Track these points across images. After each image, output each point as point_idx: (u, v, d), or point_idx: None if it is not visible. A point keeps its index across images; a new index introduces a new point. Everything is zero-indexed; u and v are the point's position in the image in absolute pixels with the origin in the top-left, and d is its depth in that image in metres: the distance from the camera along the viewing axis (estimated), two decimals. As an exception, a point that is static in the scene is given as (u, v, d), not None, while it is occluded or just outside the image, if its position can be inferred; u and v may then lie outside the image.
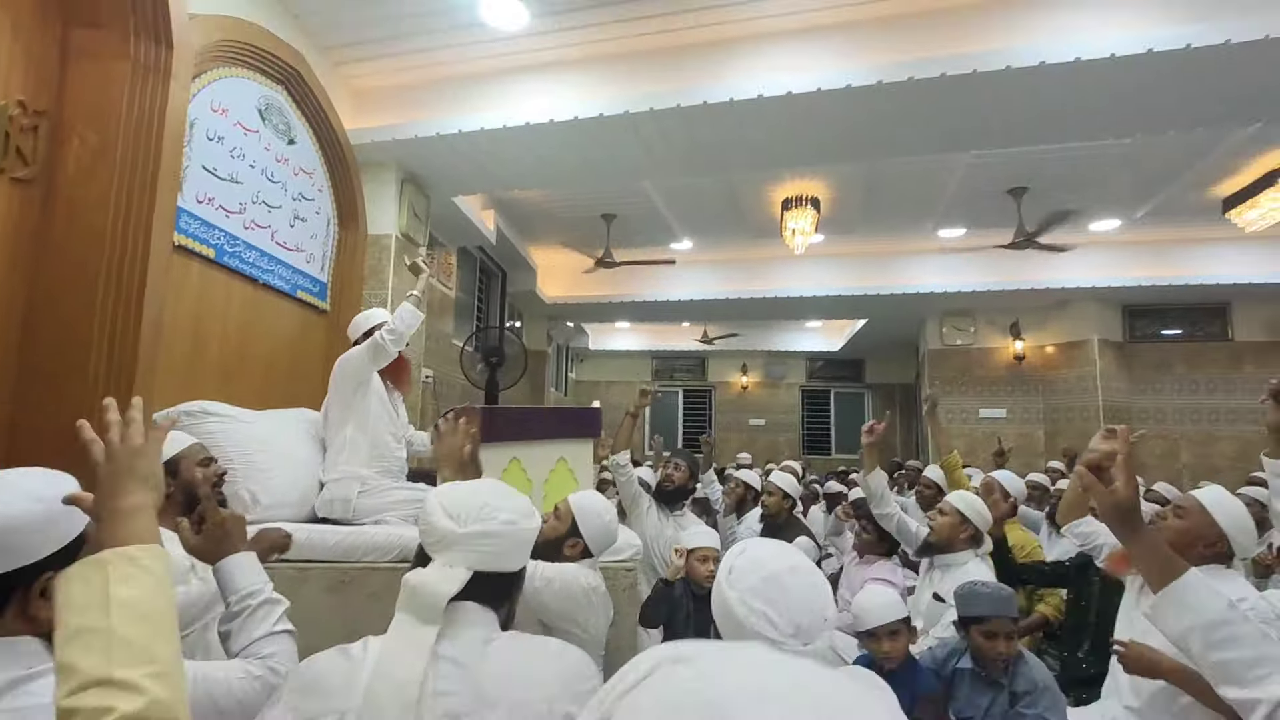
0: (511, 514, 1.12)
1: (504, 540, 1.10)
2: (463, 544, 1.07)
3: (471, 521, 1.08)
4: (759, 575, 1.10)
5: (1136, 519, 1.26)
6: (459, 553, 1.07)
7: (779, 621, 1.06)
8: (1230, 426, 7.72)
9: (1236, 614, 1.14)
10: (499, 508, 1.11)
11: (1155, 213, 6.06)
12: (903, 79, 3.25)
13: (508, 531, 1.10)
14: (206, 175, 2.87)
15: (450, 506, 1.11)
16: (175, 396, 2.49)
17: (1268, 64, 3.08)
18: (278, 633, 1.27)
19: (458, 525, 1.08)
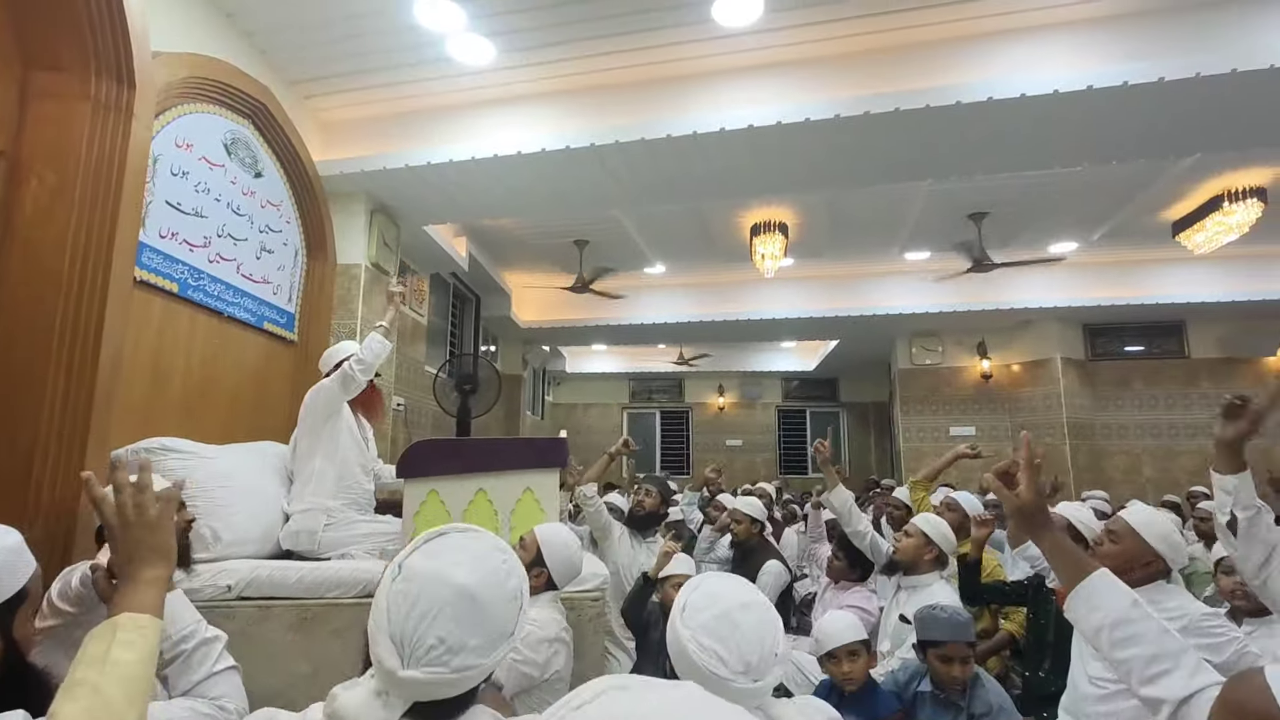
0: (473, 655, 0.87)
1: (456, 684, 0.88)
2: (403, 685, 0.86)
3: (417, 664, 0.85)
4: (710, 613, 1.10)
5: (1041, 520, 1.30)
6: (397, 689, 0.88)
7: (729, 659, 1.07)
8: (1190, 441, 7.94)
9: (1139, 611, 1.17)
10: (458, 647, 0.86)
11: (1111, 235, 6.28)
12: (859, 113, 3.37)
13: (461, 679, 0.87)
14: (170, 210, 2.87)
15: (399, 630, 0.86)
16: (134, 434, 2.47)
17: (1200, 100, 3.25)
18: (220, 671, 1.26)
19: (400, 664, 0.85)
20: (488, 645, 0.88)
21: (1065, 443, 7.81)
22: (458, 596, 0.87)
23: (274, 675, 2.20)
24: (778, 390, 12.93)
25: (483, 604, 0.89)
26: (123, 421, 2.45)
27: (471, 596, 0.88)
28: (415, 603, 0.87)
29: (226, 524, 2.42)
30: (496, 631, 0.90)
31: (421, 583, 0.88)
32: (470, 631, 0.87)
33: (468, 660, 0.86)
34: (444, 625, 0.86)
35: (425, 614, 0.86)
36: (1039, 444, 7.47)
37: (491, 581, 0.91)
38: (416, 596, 0.87)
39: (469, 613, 0.87)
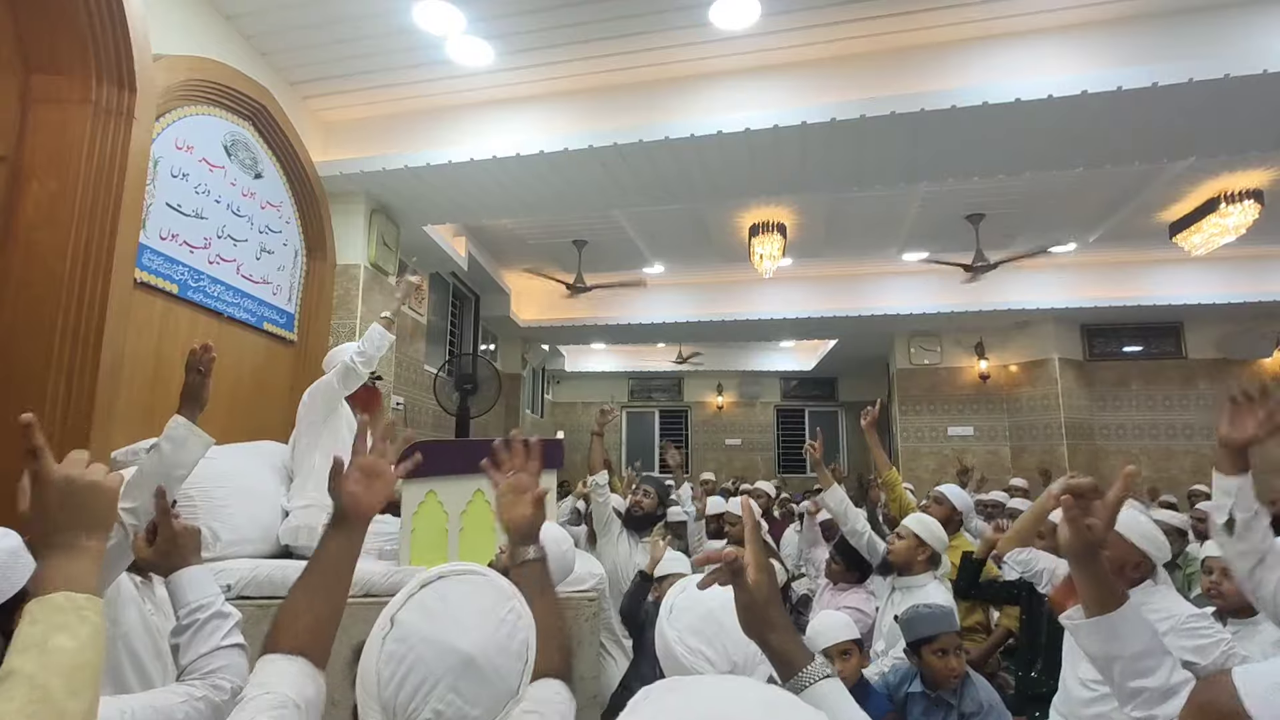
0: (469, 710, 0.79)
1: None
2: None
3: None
4: (696, 614, 1.10)
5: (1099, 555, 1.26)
6: None
7: (715, 659, 1.07)
8: (1187, 441, 7.97)
9: (1158, 644, 1.20)
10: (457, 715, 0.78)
11: (1108, 236, 6.30)
12: (855, 117, 3.38)
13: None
14: (170, 212, 2.89)
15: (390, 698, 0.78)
16: (135, 434, 2.48)
17: (1194, 105, 3.27)
18: (226, 646, 1.24)
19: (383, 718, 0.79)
20: (490, 713, 0.80)
21: (1063, 443, 7.84)
22: (459, 665, 0.79)
23: (273, 673, 2.23)
24: (776, 389, 12.96)
25: (486, 672, 0.80)
26: (124, 422, 2.47)
27: (473, 663, 0.79)
28: (410, 670, 0.78)
29: (225, 524, 2.45)
30: (501, 695, 0.82)
31: (418, 648, 0.79)
32: (472, 701, 0.79)
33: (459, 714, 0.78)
34: (442, 696, 0.77)
35: (420, 684, 0.77)
36: (1038, 445, 7.48)
37: (496, 643, 0.83)
38: (412, 664, 0.78)
39: (470, 682, 0.79)
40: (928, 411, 8.83)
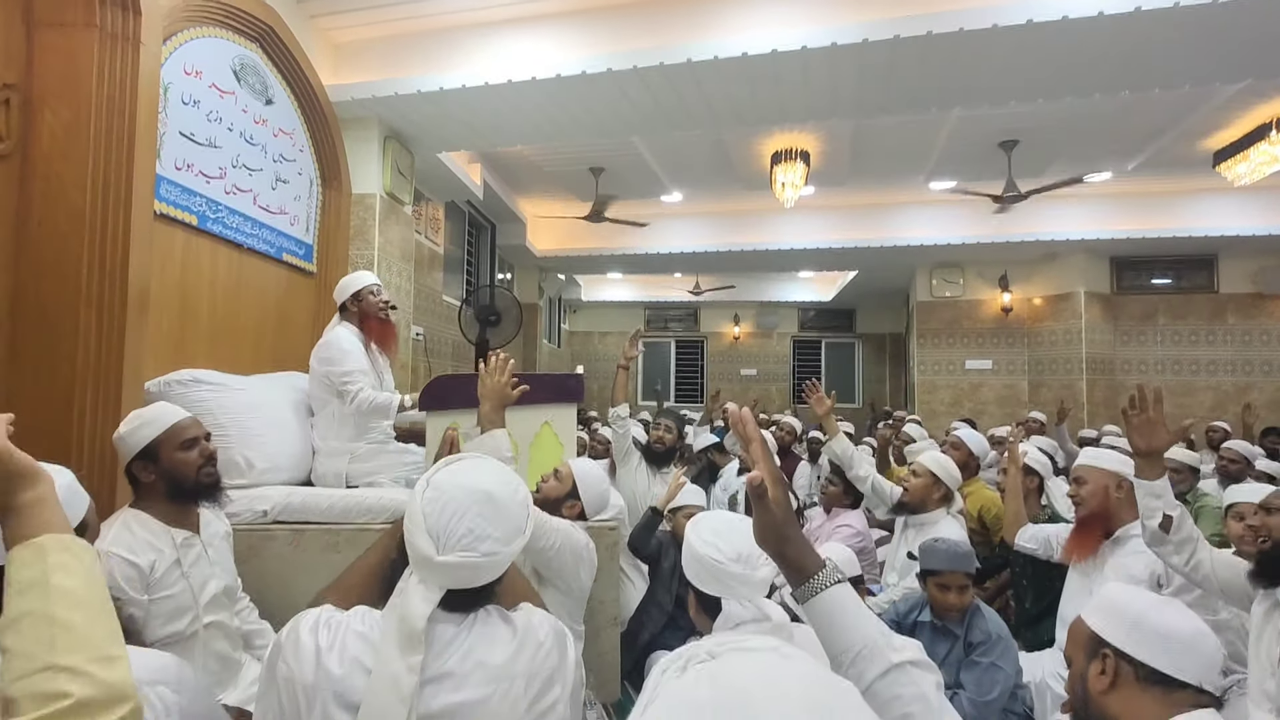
0: (496, 543, 1.06)
1: (482, 569, 1.06)
2: (438, 570, 1.04)
3: (451, 550, 1.04)
4: (712, 521, 1.48)
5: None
6: (434, 575, 1.05)
7: (724, 549, 1.38)
8: (1210, 377, 7.88)
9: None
10: (483, 536, 1.05)
11: (1147, 165, 6.03)
12: (889, 37, 3.20)
13: (487, 563, 1.06)
14: (184, 141, 2.84)
15: (433, 524, 1.05)
16: (166, 366, 2.55)
17: (1255, 21, 3.05)
18: None
19: (436, 551, 1.03)
20: (506, 537, 1.08)
21: (1082, 378, 7.78)
22: (481, 497, 1.07)
23: (310, 593, 2.36)
24: (794, 320, 12.88)
25: (500, 503, 1.09)
26: (155, 354, 2.52)
27: (491, 497, 1.08)
28: (446, 504, 1.06)
29: (259, 452, 2.53)
30: (512, 527, 1.10)
31: (450, 489, 1.08)
32: (492, 525, 1.06)
33: (492, 547, 1.06)
34: (471, 519, 1.05)
35: (455, 512, 1.05)
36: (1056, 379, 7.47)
37: (506, 488, 1.12)
38: (447, 499, 1.06)
39: (490, 510, 1.07)
40: (946, 345, 8.76)
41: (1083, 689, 1.15)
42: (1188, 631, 1.10)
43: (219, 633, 1.84)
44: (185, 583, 1.75)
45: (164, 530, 1.77)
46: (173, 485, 1.81)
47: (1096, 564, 2.25)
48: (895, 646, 0.81)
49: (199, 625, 1.77)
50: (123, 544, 1.67)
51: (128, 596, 1.62)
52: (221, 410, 2.48)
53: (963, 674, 2.15)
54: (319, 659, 1.00)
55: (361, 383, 2.60)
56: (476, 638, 1.08)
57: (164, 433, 1.81)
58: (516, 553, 1.12)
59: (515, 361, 2.08)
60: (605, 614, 2.50)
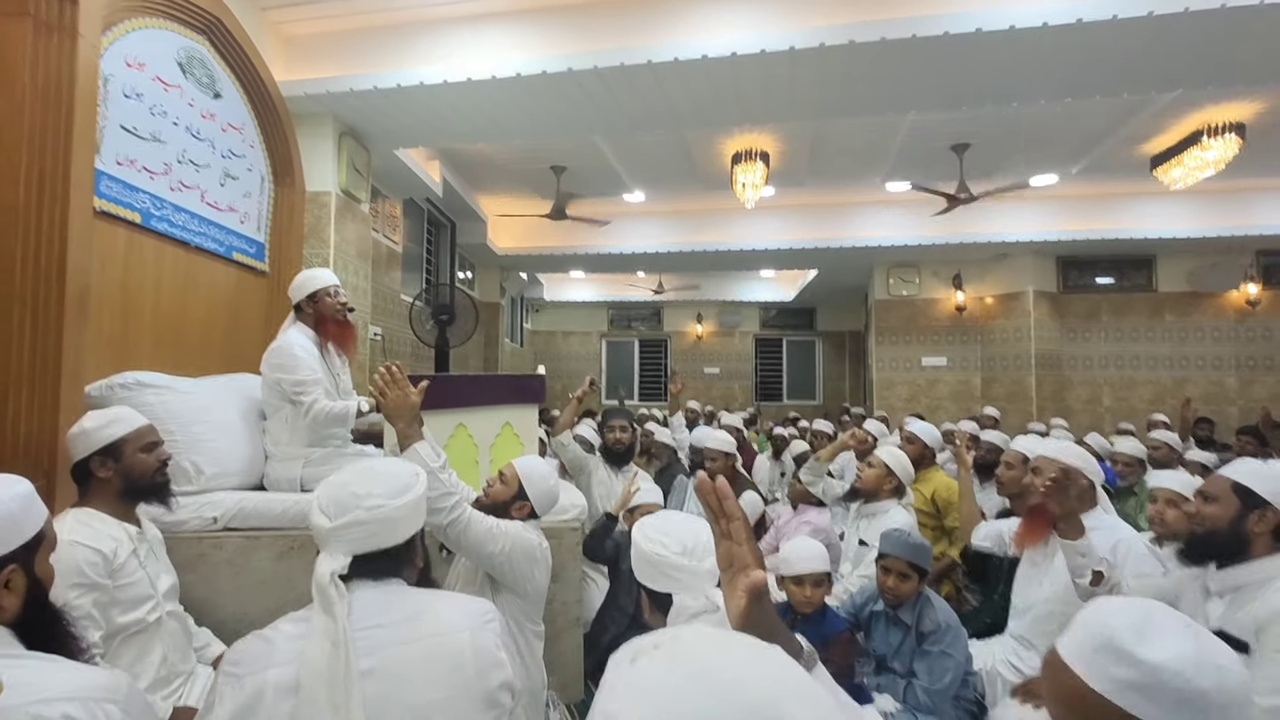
0: (379, 498, 1.19)
1: (372, 524, 1.18)
2: (336, 536, 1.17)
3: (339, 515, 1.17)
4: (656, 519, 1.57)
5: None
6: (335, 543, 1.17)
7: (669, 543, 1.46)
8: (1150, 372, 8.23)
9: None
10: (365, 494, 1.19)
11: (1090, 168, 6.27)
12: (844, 42, 3.26)
13: (374, 516, 1.18)
14: (126, 135, 2.74)
15: (324, 503, 1.20)
16: (107, 369, 2.45)
17: (1186, 35, 3.21)
18: None
19: (328, 520, 1.17)
20: (390, 492, 1.21)
21: (1031, 374, 8.06)
22: (360, 470, 1.26)
23: (266, 600, 2.30)
24: (756, 319, 13.03)
25: (379, 471, 1.26)
26: (95, 357, 2.43)
27: (370, 468, 1.26)
28: (331, 484, 1.23)
29: (208, 457, 2.45)
30: (396, 486, 1.23)
31: (335, 477, 1.25)
32: (373, 484, 1.21)
33: (376, 501, 1.19)
34: (351, 485, 1.21)
35: (339, 485, 1.22)
36: (1008, 375, 7.72)
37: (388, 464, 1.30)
38: (332, 482, 1.24)
39: (369, 475, 1.23)
40: (903, 342, 8.97)
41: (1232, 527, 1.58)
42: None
43: (178, 623, 1.89)
44: (143, 572, 1.78)
45: (117, 524, 1.80)
46: (128, 483, 1.84)
47: (1046, 554, 2.32)
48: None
49: (161, 613, 1.80)
50: (83, 534, 1.69)
51: (92, 582, 1.63)
52: (168, 414, 2.40)
53: (916, 663, 2.21)
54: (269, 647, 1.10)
55: (315, 392, 2.50)
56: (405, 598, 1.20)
57: (130, 432, 1.85)
58: (408, 510, 1.23)
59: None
60: (568, 615, 2.50)
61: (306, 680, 1.04)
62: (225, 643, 2.07)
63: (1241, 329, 8.06)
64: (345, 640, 1.07)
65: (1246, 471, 1.69)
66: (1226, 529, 1.66)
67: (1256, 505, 1.63)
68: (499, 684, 1.18)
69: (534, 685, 1.98)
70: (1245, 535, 1.64)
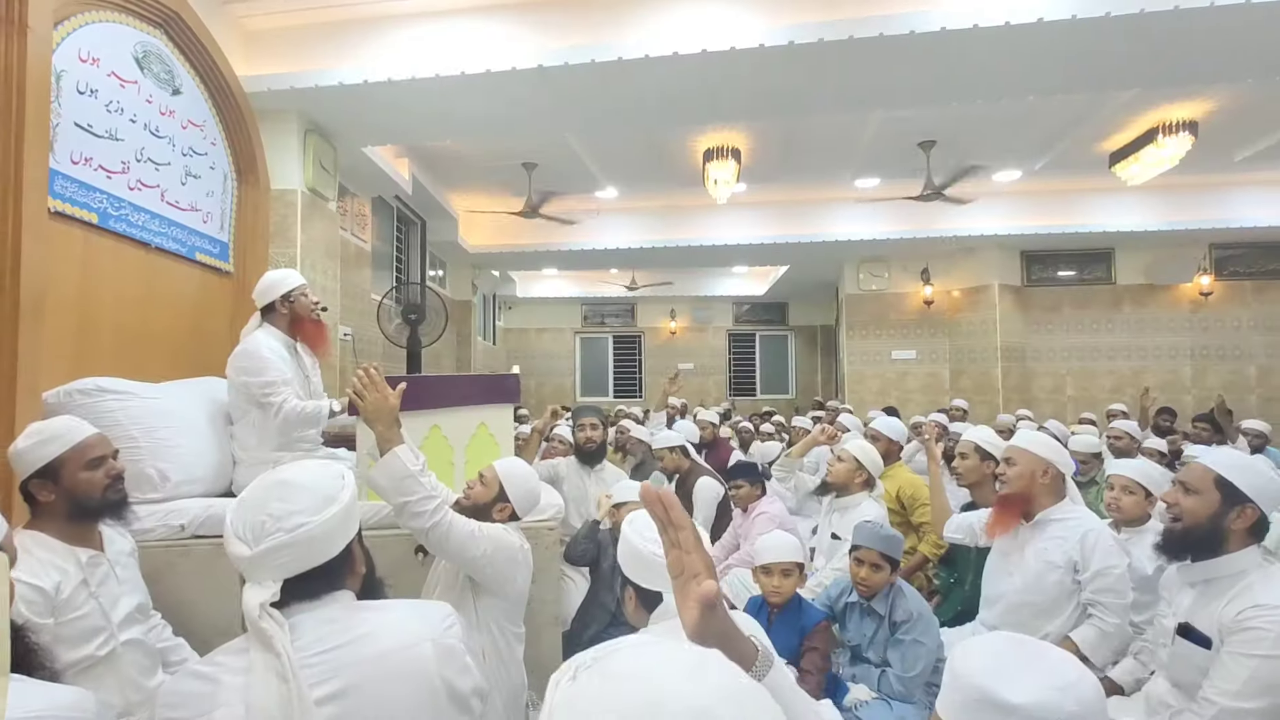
0: (301, 515, 1.06)
1: (299, 545, 1.06)
2: (259, 563, 1.04)
3: (259, 540, 1.04)
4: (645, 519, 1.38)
5: None
6: (259, 570, 1.05)
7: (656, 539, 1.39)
8: (1109, 362, 8.48)
9: None
10: (284, 514, 1.06)
11: (1052, 165, 6.43)
12: (814, 40, 3.30)
13: (300, 537, 1.05)
14: (81, 133, 2.65)
15: (239, 528, 1.06)
16: (66, 375, 2.37)
17: (1142, 36, 3.31)
18: None
19: (248, 548, 1.05)
20: (314, 506, 1.07)
21: (997, 365, 8.25)
22: (274, 486, 1.10)
23: (233, 608, 2.25)
24: (729, 314, 13.10)
25: (297, 484, 1.10)
26: (52, 363, 2.35)
27: (285, 482, 1.10)
28: (244, 505, 1.08)
29: (174, 464, 2.39)
30: (320, 497, 1.09)
31: (247, 495, 1.11)
32: (293, 501, 1.07)
33: (299, 520, 1.05)
34: (270, 505, 1.06)
35: (253, 506, 1.07)
36: (975, 367, 7.90)
37: (307, 472, 1.13)
38: (244, 502, 1.09)
39: (286, 491, 1.08)
40: (873, 336, 9.11)
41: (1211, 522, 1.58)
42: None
43: (138, 651, 1.75)
44: (95, 603, 1.65)
45: (67, 550, 1.66)
46: (74, 505, 1.68)
47: (1016, 545, 2.35)
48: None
49: (114, 645, 1.67)
50: (23, 568, 1.55)
51: (31, 623, 1.50)
52: (131, 421, 2.33)
53: (889, 652, 2.25)
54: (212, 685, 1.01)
55: (285, 393, 2.44)
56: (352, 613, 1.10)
57: (68, 451, 1.68)
58: (337, 521, 1.10)
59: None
60: (546, 614, 2.50)
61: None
62: (197, 653, 2.03)
63: (1195, 320, 8.35)
64: (293, 673, 0.98)
65: (1230, 464, 1.62)
66: (1206, 524, 1.61)
67: (1238, 501, 1.58)
68: (470, 689, 1.14)
69: (514, 686, 1.97)
70: (1223, 531, 1.60)
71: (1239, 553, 1.60)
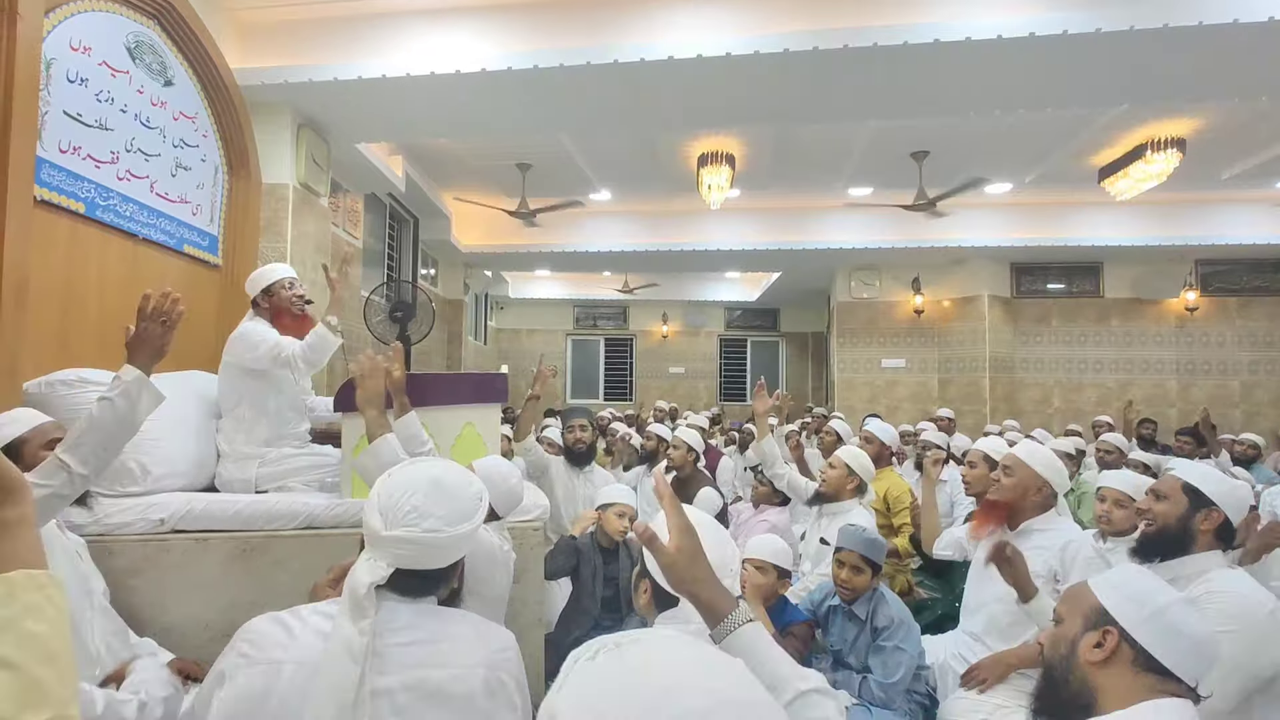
0: (439, 522, 1.11)
1: (424, 546, 1.11)
2: (385, 544, 1.10)
3: (396, 525, 1.10)
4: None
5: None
6: (381, 550, 1.10)
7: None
8: (1095, 375, 8.56)
9: None
10: (427, 514, 1.11)
11: (1042, 178, 6.49)
12: (809, 48, 3.32)
13: (429, 540, 1.11)
14: (70, 122, 2.63)
15: (383, 503, 1.12)
16: (48, 365, 2.35)
17: (1132, 53, 3.35)
18: None
19: (383, 526, 1.10)
20: (451, 517, 1.13)
21: (986, 375, 8.30)
22: (428, 480, 1.15)
23: (215, 604, 2.23)
24: (720, 319, 13.13)
25: (446, 488, 1.16)
26: (34, 353, 2.33)
27: (438, 482, 1.16)
28: (397, 485, 1.14)
29: (155, 457, 2.37)
30: (459, 511, 1.15)
31: (403, 475, 1.17)
32: (436, 505, 1.12)
33: (434, 525, 1.11)
34: (417, 499, 1.12)
35: (404, 490, 1.13)
36: (963, 377, 7.96)
37: (456, 479, 1.19)
38: (398, 482, 1.15)
39: (436, 492, 1.14)
40: (864, 344, 9.15)
41: (1069, 652, 1.18)
42: (1202, 636, 1.11)
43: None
44: None
45: None
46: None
47: None
48: (802, 676, 0.88)
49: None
50: None
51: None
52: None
53: (870, 658, 2.26)
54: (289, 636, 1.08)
55: (289, 345, 2.42)
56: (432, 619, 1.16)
57: (28, 431, 1.74)
58: (463, 538, 1.16)
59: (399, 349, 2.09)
60: (529, 615, 2.49)
61: (318, 694, 1.01)
62: (173, 649, 2.01)
63: (1181, 334, 8.44)
64: (364, 658, 1.02)
65: (1196, 473, 1.83)
66: (1175, 525, 1.79)
67: (1204, 505, 1.77)
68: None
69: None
70: (1191, 532, 1.77)
71: (1204, 554, 1.76)
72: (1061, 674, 1.18)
